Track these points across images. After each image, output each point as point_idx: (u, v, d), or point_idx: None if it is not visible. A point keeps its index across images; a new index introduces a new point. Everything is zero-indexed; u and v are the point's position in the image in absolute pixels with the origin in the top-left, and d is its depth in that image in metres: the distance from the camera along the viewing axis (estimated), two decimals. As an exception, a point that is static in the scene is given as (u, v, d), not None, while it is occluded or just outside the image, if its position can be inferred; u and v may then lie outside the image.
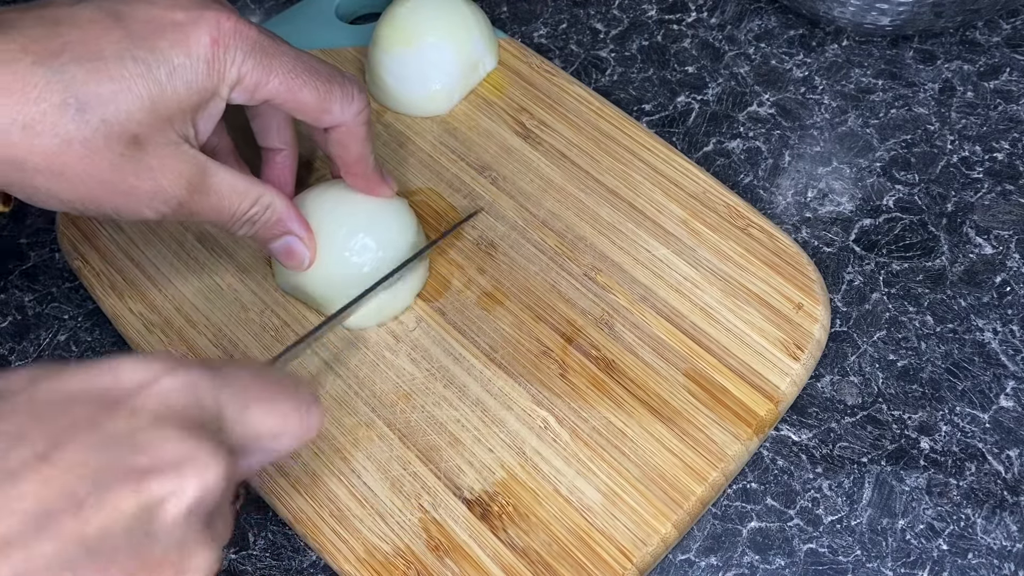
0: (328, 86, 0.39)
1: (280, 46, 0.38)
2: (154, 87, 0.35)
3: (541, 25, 0.60)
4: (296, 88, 0.38)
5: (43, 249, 0.53)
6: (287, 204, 0.42)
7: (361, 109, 0.41)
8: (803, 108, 0.55)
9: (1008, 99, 0.54)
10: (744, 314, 0.44)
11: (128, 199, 0.36)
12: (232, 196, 0.39)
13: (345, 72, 0.41)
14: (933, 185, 0.52)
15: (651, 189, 0.48)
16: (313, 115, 0.40)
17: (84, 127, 0.34)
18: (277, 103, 0.39)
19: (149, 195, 0.37)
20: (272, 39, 0.38)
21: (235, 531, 0.44)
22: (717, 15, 0.59)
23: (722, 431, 0.41)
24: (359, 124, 0.41)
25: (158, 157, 0.36)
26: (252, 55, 0.37)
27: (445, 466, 0.42)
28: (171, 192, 0.37)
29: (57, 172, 0.35)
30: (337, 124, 0.41)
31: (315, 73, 0.39)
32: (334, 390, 0.44)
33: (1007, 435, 0.44)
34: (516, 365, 0.44)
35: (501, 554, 0.40)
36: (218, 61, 0.36)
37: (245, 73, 0.37)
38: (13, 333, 0.50)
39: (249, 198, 0.40)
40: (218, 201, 0.39)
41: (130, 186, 0.36)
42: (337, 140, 0.42)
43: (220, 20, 0.36)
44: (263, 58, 0.37)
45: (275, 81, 0.38)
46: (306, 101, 0.39)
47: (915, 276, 0.49)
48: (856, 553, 0.42)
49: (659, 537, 0.39)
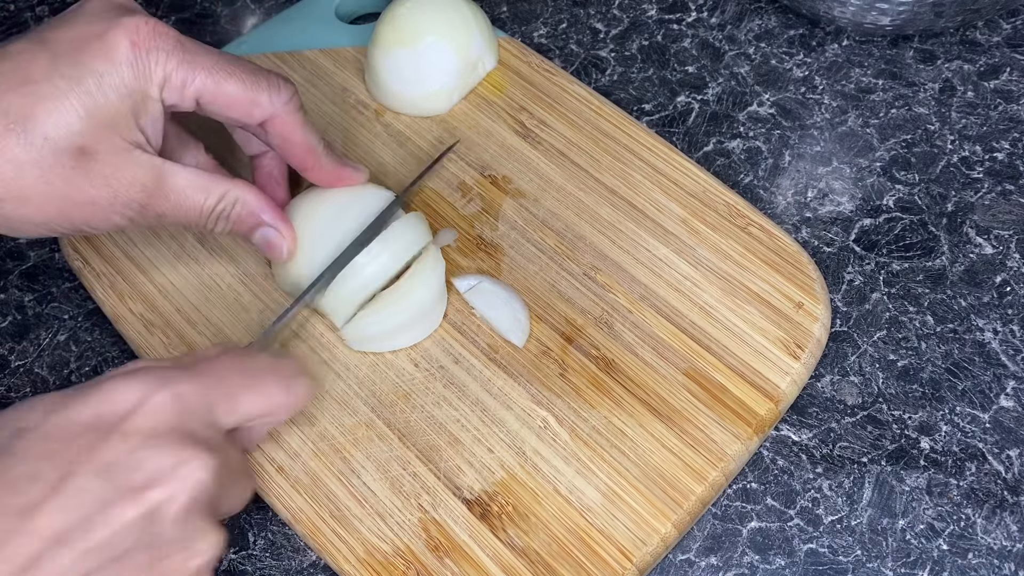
0: (253, 77, 0.40)
1: (201, 46, 0.40)
2: (86, 98, 0.37)
3: (541, 25, 0.60)
4: (222, 80, 0.39)
5: (43, 249, 0.53)
6: (258, 197, 0.42)
7: (290, 97, 0.41)
8: (803, 108, 0.55)
9: (1008, 99, 0.54)
10: (744, 313, 0.44)
11: (93, 210, 0.38)
12: (195, 194, 0.40)
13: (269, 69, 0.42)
14: (933, 185, 0.51)
15: (651, 188, 0.48)
16: (244, 109, 0.40)
17: (31, 148, 0.36)
18: (207, 100, 0.40)
19: (109, 202, 0.38)
20: (193, 41, 0.39)
21: (234, 531, 0.44)
22: (717, 15, 0.59)
23: (722, 430, 0.41)
24: (291, 112, 0.42)
25: (110, 165, 0.38)
26: (174, 54, 0.38)
27: (445, 466, 0.42)
28: (130, 196, 0.39)
29: (21, 198, 0.37)
30: (269, 116, 0.41)
31: (239, 66, 0.40)
32: (334, 390, 0.44)
33: (1007, 435, 0.44)
34: (516, 365, 0.44)
35: (501, 554, 0.40)
36: (141, 63, 0.38)
37: (170, 71, 0.38)
38: (13, 333, 0.50)
39: (214, 194, 0.41)
40: (181, 200, 0.40)
41: (89, 197, 0.38)
42: (277, 133, 0.42)
43: (137, 25, 0.38)
44: (185, 55, 0.38)
45: (200, 76, 0.39)
46: (233, 93, 0.40)
47: (915, 276, 0.49)
48: (856, 553, 0.42)
49: (659, 537, 0.39)
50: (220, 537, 0.33)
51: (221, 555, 0.34)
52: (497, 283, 0.46)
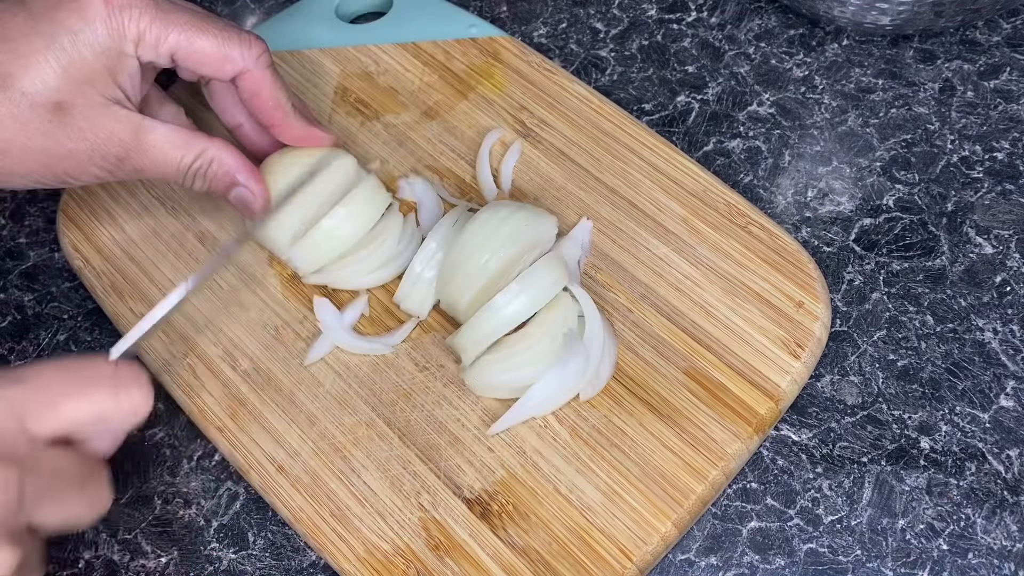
0: (225, 33, 0.42)
1: (175, 4, 0.42)
2: (61, 55, 0.39)
3: (541, 24, 0.60)
4: (195, 36, 0.41)
5: (43, 249, 0.53)
6: (235, 156, 0.44)
7: (261, 53, 0.43)
8: (803, 108, 0.55)
9: (1008, 99, 0.54)
10: (744, 312, 0.44)
11: (72, 162, 0.40)
12: (172, 151, 0.42)
13: None
14: (933, 185, 0.51)
15: (651, 187, 0.48)
16: (216, 64, 0.42)
17: (8, 103, 0.39)
18: (181, 56, 0.41)
19: (87, 155, 0.40)
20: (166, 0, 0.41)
21: (234, 531, 0.44)
22: (717, 15, 0.59)
23: (722, 429, 0.41)
24: (262, 67, 0.43)
25: (87, 119, 0.40)
26: (147, 11, 0.40)
27: (445, 465, 0.42)
28: (107, 149, 0.40)
29: (2, 151, 0.39)
30: (241, 71, 0.43)
31: (212, 22, 0.42)
32: (334, 389, 0.44)
33: (1007, 435, 0.44)
34: (516, 364, 0.44)
35: (501, 553, 0.40)
36: (114, 20, 0.39)
37: (144, 28, 0.40)
38: (13, 333, 0.50)
39: (192, 151, 0.42)
40: (159, 156, 0.42)
41: (68, 150, 0.40)
42: (247, 88, 0.44)
43: None
44: (159, 13, 0.40)
45: (174, 32, 0.41)
46: (206, 49, 0.41)
47: (915, 276, 0.49)
48: (856, 553, 0.42)
49: (659, 536, 0.39)
50: (11, 556, 0.31)
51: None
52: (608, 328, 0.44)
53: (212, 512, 0.44)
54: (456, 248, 0.43)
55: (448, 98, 0.53)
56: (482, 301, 0.42)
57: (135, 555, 0.44)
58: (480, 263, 0.42)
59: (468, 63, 0.54)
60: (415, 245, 0.47)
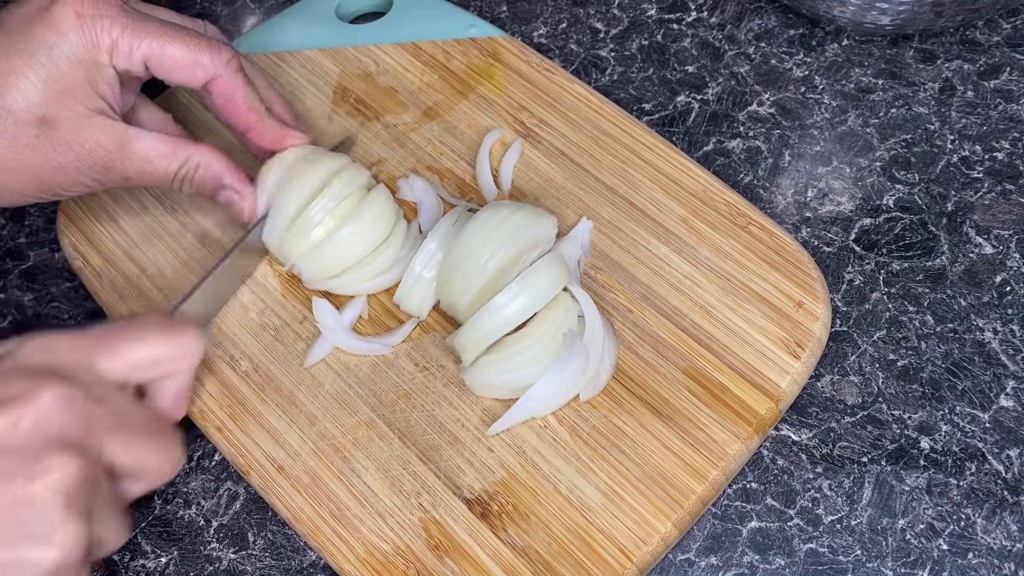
0: (195, 40, 0.43)
1: (144, 13, 0.42)
2: (40, 70, 0.40)
3: (541, 24, 0.60)
4: (166, 43, 0.42)
5: (43, 249, 0.53)
6: (221, 161, 0.45)
7: (231, 58, 0.44)
8: (803, 108, 0.55)
9: (1008, 98, 0.54)
10: (744, 312, 0.44)
11: (62, 175, 0.41)
12: (158, 159, 0.43)
13: None
14: (933, 185, 0.51)
15: (651, 187, 0.48)
16: (188, 70, 0.43)
17: None
18: (154, 63, 0.42)
19: (75, 167, 0.41)
20: (136, 10, 0.42)
21: (234, 531, 0.44)
22: (717, 15, 0.59)
23: (722, 430, 0.41)
24: (232, 72, 0.44)
25: (71, 131, 0.41)
26: (119, 20, 0.41)
27: (445, 465, 0.42)
28: (93, 160, 0.41)
29: None
30: (212, 76, 0.43)
31: (181, 31, 0.42)
32: (334, 389, 0.44)
33: (1007, 435, 0.44)
34: (516, 364, 0.44)
35: (501, 553, 0.40)
36: (87, 30, 0.40)
37: (116, 36, 0.41)
38: (13, 333, 0.50)
39: (178, 159, 0.43)
40: (145, 164, 0.43)
41: (56, 163, 0.41)
42: (219, 94, 0.44)
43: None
44: (130, 22, 0.41)
45: (146, 40, 0.41)
46: (177, 55, 0.42)
47: (915, 276, 0.49)
48: (856, 553, 0.42)
49: (659, 536, 0.39)
50: (77, 532, 0.31)
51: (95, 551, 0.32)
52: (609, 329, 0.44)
53: (212, 512, 0.44)
54: (456, 248, 0.43)
55: (448, 98, 0.53)
56: (482, 301, 0.42)
57: (135, 555, 0.44)
58: (480, 263, 0.42)
59: (468, 63, 0.54)
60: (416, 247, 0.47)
